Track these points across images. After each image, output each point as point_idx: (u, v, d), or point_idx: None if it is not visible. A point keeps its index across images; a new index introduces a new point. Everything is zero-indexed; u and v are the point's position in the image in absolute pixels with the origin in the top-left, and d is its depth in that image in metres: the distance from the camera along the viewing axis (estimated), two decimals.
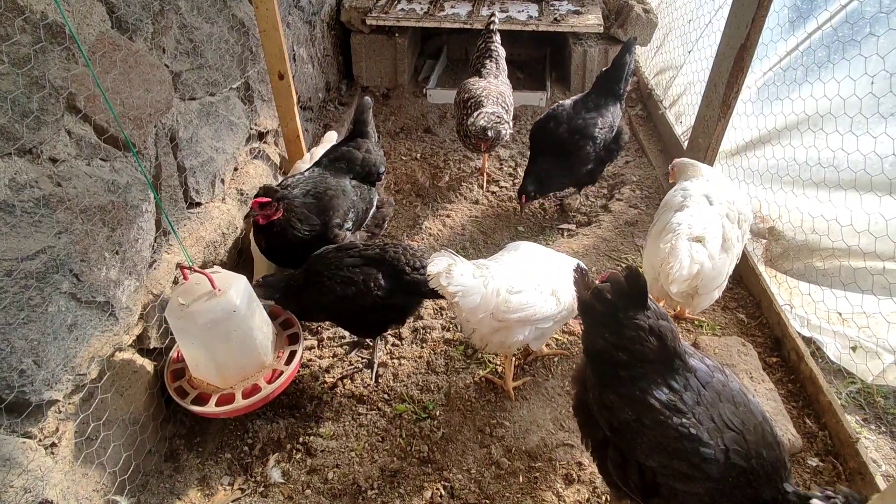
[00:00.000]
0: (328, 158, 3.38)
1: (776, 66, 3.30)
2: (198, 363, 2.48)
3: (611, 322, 1.92)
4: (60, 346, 2.07)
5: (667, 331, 1.89)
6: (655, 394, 1.80)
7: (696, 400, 1.77)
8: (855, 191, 2.52)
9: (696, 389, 1.80)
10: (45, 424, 2.08)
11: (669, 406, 1.76)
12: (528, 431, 2.70)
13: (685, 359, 1.88)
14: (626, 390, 1.87)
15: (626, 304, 1.91)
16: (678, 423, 1.72)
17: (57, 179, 2.10)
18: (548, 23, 5.10)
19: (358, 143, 3.43)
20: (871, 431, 2.75)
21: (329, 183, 3.20)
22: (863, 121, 2.44)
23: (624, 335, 1.89)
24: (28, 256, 1.94)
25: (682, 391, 1.79)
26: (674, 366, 1.85)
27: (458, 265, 2.41)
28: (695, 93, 4.22)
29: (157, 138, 2.73)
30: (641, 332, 1.86)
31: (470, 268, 2.46)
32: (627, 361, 1.89)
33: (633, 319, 1.89)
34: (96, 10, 2.34)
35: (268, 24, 3.45)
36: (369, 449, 2.69)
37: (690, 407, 1.75)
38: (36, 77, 2.01)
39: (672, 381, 1.82)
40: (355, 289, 2.70)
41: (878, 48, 2.37)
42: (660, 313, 1.93)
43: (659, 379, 1.83)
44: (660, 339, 1.86)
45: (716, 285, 2.65)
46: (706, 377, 1.85)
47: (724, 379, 1.87)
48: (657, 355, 1.86)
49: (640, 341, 1.86)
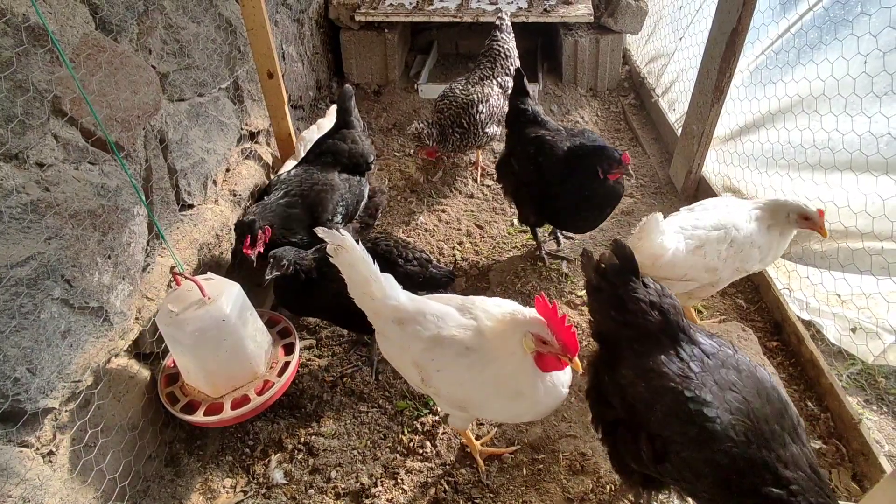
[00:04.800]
0: (314, 153, 3.34)
1: (768, 50, 3.28)
2: (188, 370, 2.46)
3: (614, 300, 1.98)
4: (54, 354, 2.04)
5: (669, 306, 1.94)
6: (665, 362, 1.84)
7: (702, 367, 1.81)
8: (851, 172, 2.51)
9: (701, 359, 1.84)
10: (41, 433, 2.05)
11: (679, 373, 1.80)
12: (530, 423, 2.68)
13: (689, 333, 1.93)
14: (639, 362, 1.90)
15: (623, 279, 1.98)
16: (685, 387, 1.75)
17: (45, 184, 2.07)
18: (537, 14, 5.07)
19: (343, 134, 3.37)
20: (873, 412, 2.75)
21: (315, 178, 3.16)
22: (857, 101, 2.43)
23: (627, 310, 1.94)
24: (18, 263, 1.91)
25: (689, 360, 1.83)
26: (678, 339, 1.90)
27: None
28: (687, 79, 4.20)
29: (147, 140, 2.70)
30: (643, 305, 1.92)
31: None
32: (634, 336, 1.94)
33: (633, 293, 1.94)
34: (79, 11, 2.31)
35: (255, 23, 3.41)
36: (371, 447, 2.68)
37: (697, 374, 1.79)
38: (19, 80, 1.97)
39: (680, 352, 1.86)
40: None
41: (870, 27, 2.35)
42: (662, 291, 1.96)
43: (668, 350, 1.88)
44: (662, 313, 1.92)
45: (675, 275, 2.58)
46: (711, 349, 1.89)
47: (731, 352, 1.89)
48: (661, 328, 1.91)
49: (643, 314, 1.92)
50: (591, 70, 5.40)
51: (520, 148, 3.36)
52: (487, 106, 4.08)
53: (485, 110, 4.06)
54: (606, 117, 5.22)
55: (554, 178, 3.10)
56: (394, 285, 2.17)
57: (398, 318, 2.13)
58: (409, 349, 2.11)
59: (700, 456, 1.66)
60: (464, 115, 4.02)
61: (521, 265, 3.62)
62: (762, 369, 1.85)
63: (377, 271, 2.13)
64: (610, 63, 5.36)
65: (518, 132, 3.41)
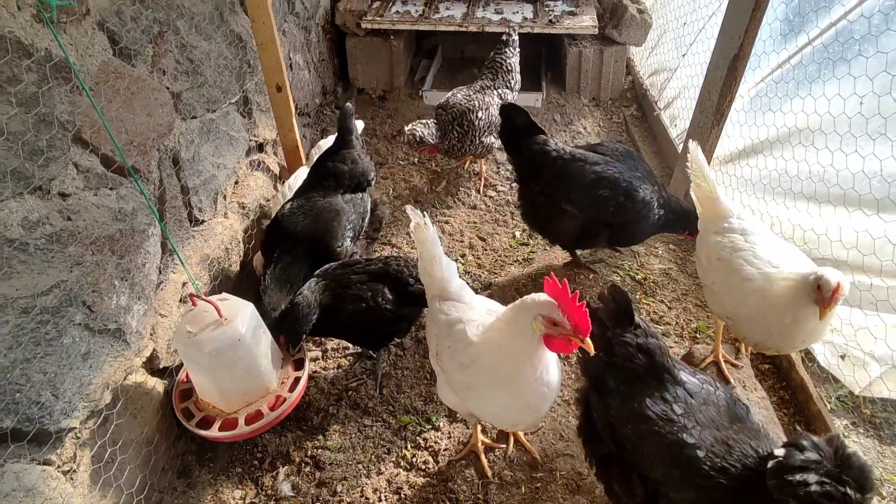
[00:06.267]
0: (315, 178, 3.36)
1: (768, 78, 3.35)
2: (204, 387, 2.55)
3: (602, 341, 2.04)
4: (76, 376, 2.13)
5: (655, 347, 2.00)
6: (649, 405, 1.91)
7: (685, 409, 1.88)
8: (844, 207, 2.60)
9: (685, 399, 1.92)
10: (63, 451, 2.14)
11: (662, 417, 1.87)
12: (529, 442, 2.79)
13: (674, 373, 1.99)
14: (625, 405, 1.97)
15: (615, 323, 2.04)
16: (668, 431, 1.83)
17: (67, 213, 2.15)
18: (542, 25, 5.11)
19: (342, 155, 3.37)
20: (859, 435, 2.86)
21: (318, 206, 3.16)
22: (852, 139, 2.50)
23: (615, 353, 2.01)
24: (43, 292, 1.99)
25: (672, 402, 1.90)
26: (664, 379, 1.97)
27: None
28: (689, 97, 4.26)
29: (161, 161, 2.77)
30: (630, 349, 1.98)
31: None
32: (621, 377, 2.00)
33: (621, 337, 2.01)
34: (98, 39, 2.37)
35: (265, 38, 3.46)
36: (375, 461, 2.78)
37: (680, 416, 1.86)
38: (44, 115, 2.04)
39: (664, 393, 1.93)
40: (365, 305, 2.78)
41: (866, 69, 2.42)
42: (649, 331, 2.04)
43: (653, 392, 1.94)
44: (649, 356, 1.98)
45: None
46: (695, 388, 1.96)
47: (713, 389, 1.98)
48: (647, 370, 1.97)
49: (630, 358, 1.98)
50: (595, 80, 5.45)
51: (578, 194, 3.17)
52: (486, 114, 4.14)
53: (483, 117, 4.12)
54: (609, 128, 5.28)
55: (634, 217, 3.17)
56: (452, 271, 2.43)
57: (440, 297, 2.42)
58: (437, 321, 2.40)
59: (689, 496, 1.76)
60: (464, 118, 4.09)
61: (522, 281, 3.71)
62: (741, 405, 1.94)
63: (441, 253, 2.38)
64: (613, 74, 5.41)
65: (560, 176, 3.18)
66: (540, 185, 3.29)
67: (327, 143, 4.02)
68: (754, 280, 2.31)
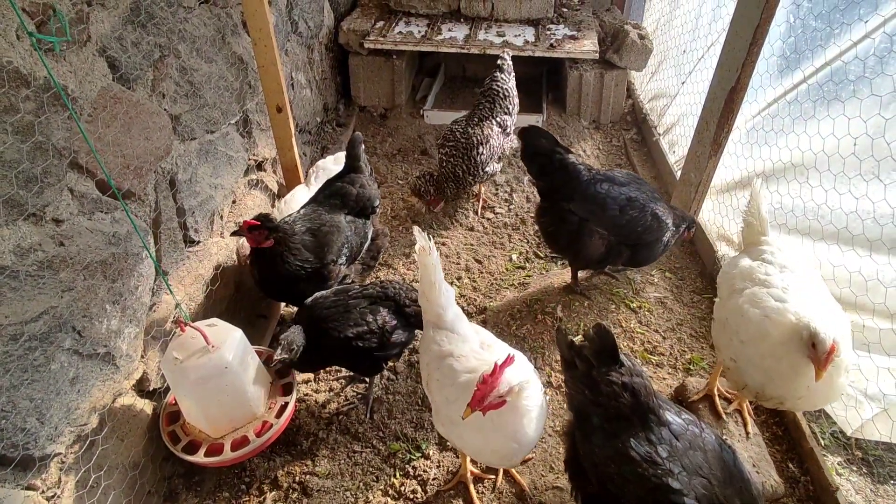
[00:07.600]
0: (323, 195, 3.44)
1: (764, 111, 3.36)
2: (190, 412, 2.56)
3: (587, 379, 2.04)
4: (63, 401, 2.13)
5: (640, 387, 2.00)
6: (634, 446, 1.90)
7: (670, 451, 1.87)
8: (837, 245, 2.59)
9: (669, 441, 1.91)
10: (47, 476, 2.13)
11: (646, 459, 1.86)
12: (518, 473, 2.77)
13: (659, 413, 1.98)
14: (609, 444, 1.96)
15: (600, 361, 2.04)
16: (652, 473, 1.82)
17: (60, 239, 2.15)
18: (544, 48, 5.14)
19: (352, 178, 3.47)
20: (853, 472, 2.83)
21: (323, 219, 3.27)
22: (846, 179, 2.51)
23: (600, 391, 2.01)
24: (32, 319, 2.00)
25: (657, 443, 1.89)
26: (648, 420, 1.96)
27: None
28: (687, 125, 4.28)
29: (157, 184, 2.78)
30: (615, 388, 1.98)
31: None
32: (605, 416, 2.00)
33: (606, 376, 2.01)
34: (98, 65, 2.39)
35: (266, 60, 3.49)
36: (364, 489, 2.76)
37: (664, 458, 1.85)
38: (40, 143, 2.06)
39: (649, 434, 1.92)
40: (367, 328, 2.79)
41: (860, 111, 2.43)
42: (634, 370, 2.03)
43: (637, 432, 1.94)
44: (634, 395, 1.97)
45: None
46: (680, 430, 1.95)
47: (698, 431, 1.97)
48: (632, 410, 1.97)
49: (615, 397, 1.98)
50: (595, 103, 5.48)
51: (610, 214, 3.22)
52: (488, 147, 4.20)
53: (485, 151, 4.18)
54: (608, 151, 5.30)
55: (658, 236, 3.31)
56: (450, 298, 2.47)
57: (435, 325, 2.46)
58: (429, 350, 2.44)
59: None
60: (465, 158, 4.16)
61: (517, 307, 3.70)
62: (727, 449, 1.93)
63: (442, 279, 2.42)
64: (614, 97, 5.45)
65: (594, 197, 3.23)
66: (570, 206, 3.33)
67: (326, 162, 4.06)
68: (764, 316, 2.26)
